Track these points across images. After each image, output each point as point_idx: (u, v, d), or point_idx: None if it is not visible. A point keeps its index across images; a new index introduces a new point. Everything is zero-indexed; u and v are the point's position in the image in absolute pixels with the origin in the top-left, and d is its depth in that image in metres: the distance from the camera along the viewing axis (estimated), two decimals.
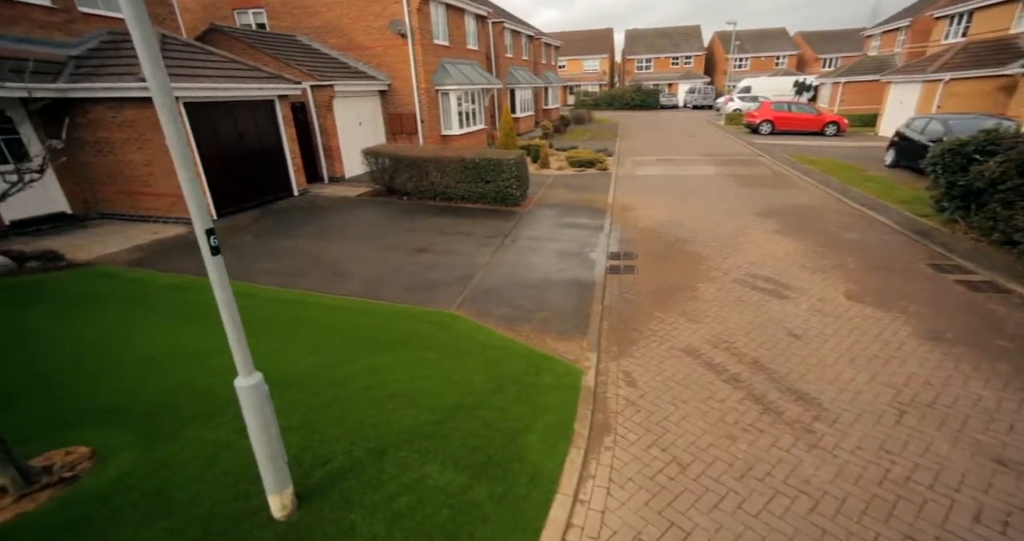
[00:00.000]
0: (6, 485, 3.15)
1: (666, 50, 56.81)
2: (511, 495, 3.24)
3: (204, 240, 2.42)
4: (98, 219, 10.57)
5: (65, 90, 9.18)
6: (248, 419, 2.77)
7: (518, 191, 11.39)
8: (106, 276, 7.26)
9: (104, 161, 10.09)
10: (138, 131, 9.57)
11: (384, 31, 15.55)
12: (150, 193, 10.11)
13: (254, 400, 2.73)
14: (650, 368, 4.80)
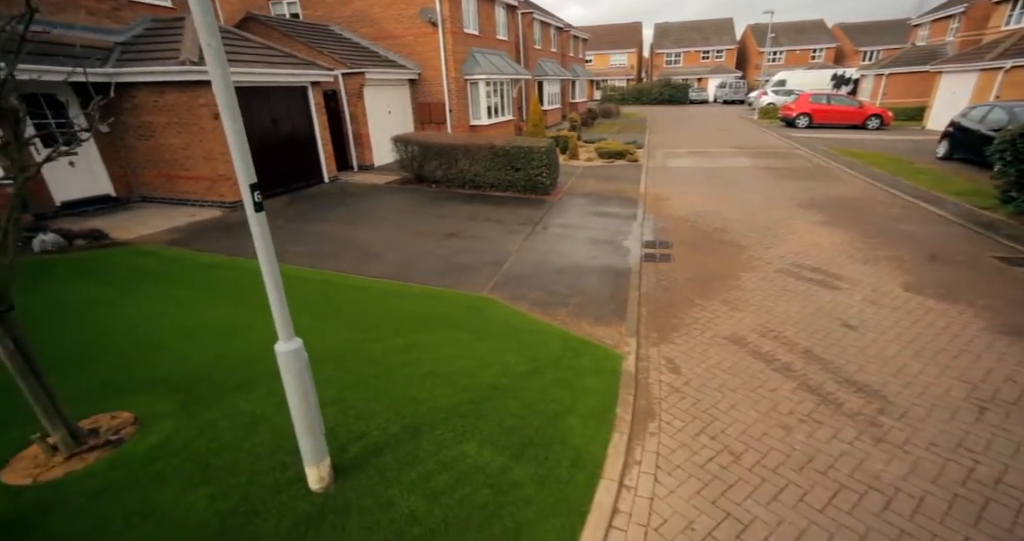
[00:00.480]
0: (57, 444, 3.17)
1: (696, 44, 55.37)
2: (553, 477, 3.10)
3: (248, 195, 2.34)
4: (139, 202, 10.83)
5: (112, 74, 9.39)
6: (288, 386, 2.69)
7: (548, 179, 11.19)
8: (147, 254, 7.40)
9: (146, 145, 10.31)
10: (178, 115, 9.73)
11: (415, 20, 15.50)
12: (188, 176, 10.30)
13: (294, 366, 2.65)
14: (693, 355, 4.58)
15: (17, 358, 2.90)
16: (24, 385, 2.96)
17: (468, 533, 2.70)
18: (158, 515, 2.82)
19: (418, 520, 2.78)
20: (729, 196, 10.74)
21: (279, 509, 2.85)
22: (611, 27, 60.18)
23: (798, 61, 50.82)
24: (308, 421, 2.79)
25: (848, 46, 49.04)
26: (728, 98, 46.72)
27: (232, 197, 10.19)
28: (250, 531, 2.71)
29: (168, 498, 2.92)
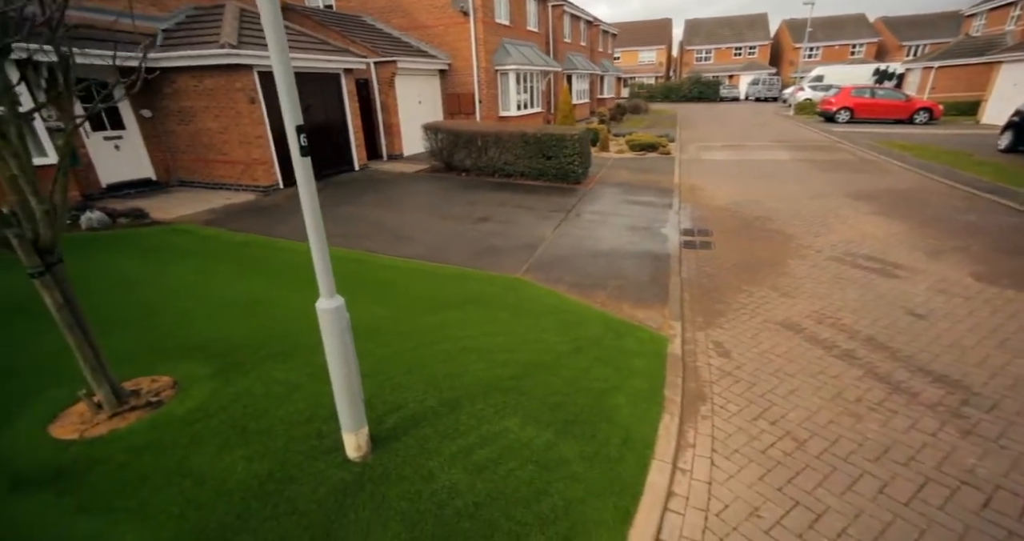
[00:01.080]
0: (101, 401, 3.14)
1: (728, 40, 53.87)
2: (603, 456, 2.90)
3: (295, 138, 2.22)
4: (178, 186, 11.04)
5: (155, 59, 9.56)
6: (328, 346, 2.57)
7: (580, 168, 10.95)
8: (185, 232, 7.49)
9: (185, 130, 10.49)
10: (216, 99, 9.86)
11: (446, 9, 15.43)
12: (224, 161, 10.44)
13: (335, 324, 2.52)
14: (743, 340, 4.31)
15: (65, 312, 2.86)
16: (71, 339, 2.93)
17: (515, 508, 2.53)
18: (197, 474, 2.74)
19: (460, 493, 2.62)
20: (769, 187, 10.30)
21: (316, 476, 2.73)
22: (640, 24, 59.10)
23: (836, 57, 48.92)
24: (348, 385, 2.66)
25: (891, 41, 46.95)
26: (761, 95, 45.27)
27: (266, 181, 10.28)
28: (287, 496, 2.60)
29: (206, 459, 2.84)
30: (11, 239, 2.60)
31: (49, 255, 2.78)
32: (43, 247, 2.74)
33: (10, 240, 2.61)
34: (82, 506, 2.55)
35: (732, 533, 2.44)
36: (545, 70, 19.20)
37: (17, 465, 2.83)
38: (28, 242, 2.67)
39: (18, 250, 2.63)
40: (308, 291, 5.13)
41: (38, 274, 2.73)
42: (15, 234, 2.60)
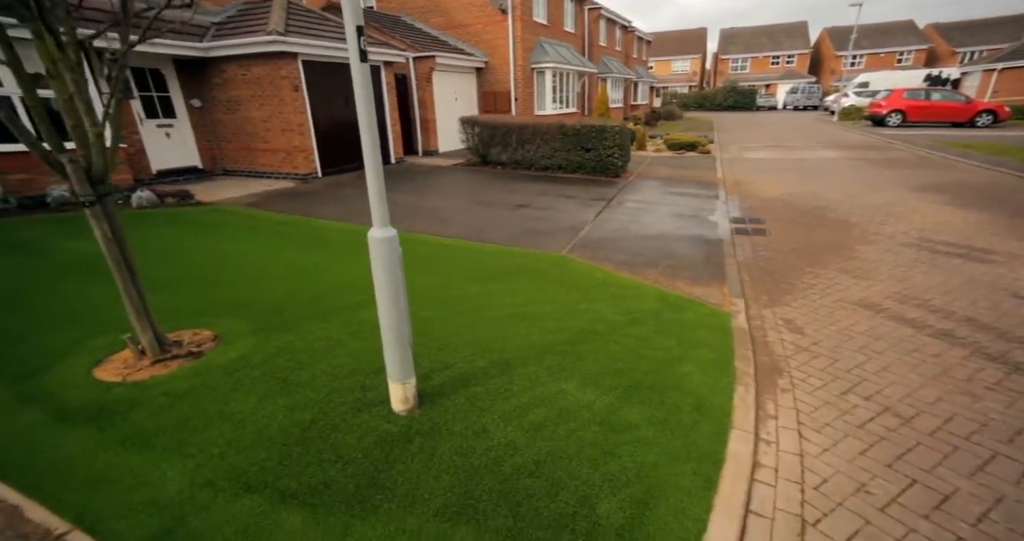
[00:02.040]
0: (145, 348, 3.04)
1: (765, 49, 52.63)
2: (674, 422, 2.58)
3: (354, 38, 2.04)
4: (221, 175, 11.29)
5: (206, 49, 9.85)
6: (378, 279, 2.37)
7: (620, 161, 10.66)
8: (227, 212, 7.56)
9: (231, 119, 10.72)
10: (261, 88, 10.04)
11: (485, 8, 15.50)
12: (266, 149, 10.60)
13: (386, 255, 2.32)
14: (817, 318, 3.91)
15: (113, 246, 2.77)
16: (118, 276, 2.83)
17: (580, 468, 2.24)
18: (237, 419, 2.57)
19: (519, 450, 2.35)
20: (822, 182, 9.75)
21: (360, 427, 2.52)
22: (674, 33, 58.39)
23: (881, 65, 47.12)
24: (397, 327, 2.44)
25: (944, 47, 44.95)
26: (800, 104, 43.75)
27: (305, 168, 10.38)
28: (331, 443, 2.39)
29: (247, 405, 2.68)
30: (66, 165, 2.52)
31: (100, 186, 2.69)
32: (95, 177, 2.65)
33: (64, 166, 2.52)
34: (123, 442, 2.42)
35: (837, 509, 2.09)
36: (581, 70, 19.06)
37: (62, 401, 2.75)
38: (81, 169, 2.58)
39: (71, 177, 2.55)
40: (345, 261, 5.04)
41: (89, 203, 2.63)
42: (69, 160, 2.51)
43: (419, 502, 2.06)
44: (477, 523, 1.95)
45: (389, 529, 1.93)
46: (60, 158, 2.51)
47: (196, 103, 10.80)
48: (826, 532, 1.98)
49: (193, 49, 9.76)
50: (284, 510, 2.02)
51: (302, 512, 2.01)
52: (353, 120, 11.47)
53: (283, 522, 1.96)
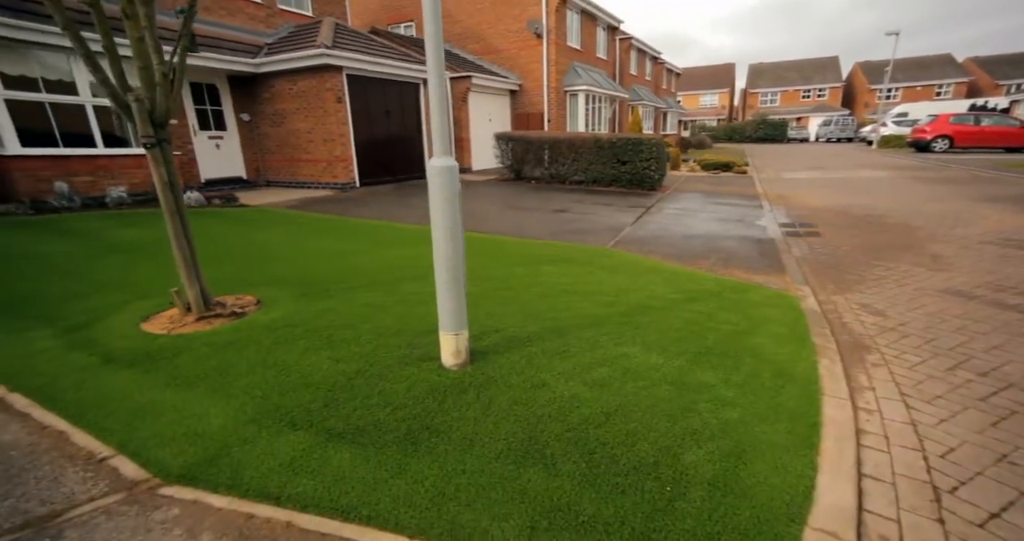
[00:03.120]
0: (191, 304, 2.97)
1: (795, 83, 52.44)
2: (755, 385, 2.31)
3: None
4: (264, 185, 11.68)
5: (258, 65, 10.40)
6: (434, 214, 2.25)
7: (656, 173, 10.52)
8: (269, 212, 7.75)
9: (277, 131, 11.17)
10: (307, 101, 10.47)
11: (520, 33, 16.03)
12: (308, 159, 10.94)
13: (446, 185, 2.20)
14: (898, 303, 3.57)
15: (169, 193, 2.75)
16: (170, 224, 2.80)
17: (656, 421, 1.99)
18: (280, 367, 2.44)
19: (585, 403, 2.12)
20: (873, 195, 9.34)
21: (409, 378, 2.33)
22: (702, 69, 59.07)
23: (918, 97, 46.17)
24: (453, 268, 2.29)
25: (985, 80, 43.92)
26: (833, 136, 42.56)
27: (344, 178, 10.61)
28: (379, 390, 2.22)
29: (290, 356, 2.55)
30: (131, 103, 2.54)
31: (161, 130, 2.70)
32: (157, 119, 2.66)
33: (130, 105, 2.54)
34: (167, 382, 2.32)
35: (977, 478, 1.77)
36: (613, 95, 19.32)
37: (110, 348, 2.70)
38: (145, 111, 2.59)
39: (136, 116, 2.56)
40: (384, 249, 4.98)
41: (150, 146, 2.64)
42: (135, 98, 2.53)
43: (478, 445, 1.84)
44: (546, 467, 1.72)
45: (447, 469, 1.71)
46: (127, 98, 2.53)
47: (245, 117, 11.32)
48: (970, 500, 1.66)
49: (246, 65, 10.32)
50: (332, 447, 1.83)
51: (351, 450, 1.82)
52: (392, 133, 11.80)
53: (331, 458, 1.77)
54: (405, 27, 18.65)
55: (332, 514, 1.54)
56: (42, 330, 2.95)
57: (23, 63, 7.45)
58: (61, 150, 7.99)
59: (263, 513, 1.55)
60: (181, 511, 1.57)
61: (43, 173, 7.83)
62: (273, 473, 1.71)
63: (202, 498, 1.62)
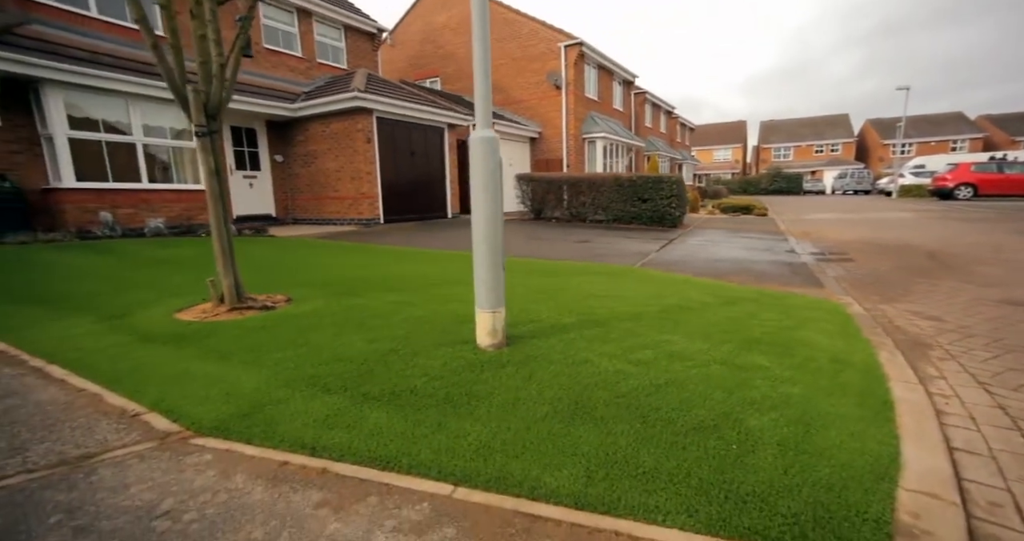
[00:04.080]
0: (224, 294, 2.99)
1: (808, 138, 53.46)
2: (813, 367, 2.16)
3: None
4: (292, 223, 12.09)
5: (295, 109, 11.12)
6: (474, 186, 2.29)
7: (677, 210, 10.59)
8: (297, 240, 7.94)
9: (307, 171, 11.72)
10: (338, 141, 11.04)
11: (540, 85, 16.95)
12: (335, 197, 11.36)
13: (486, 155, 2.25)
14: (953, 311, 3.39)
15: (214, 181, 2.85)
16: (212, 210, 2.88)
17: (712, 392, 1.85)
18: (313, 345, 2.40)
19: (632, 376, 2.00)
20: (902, 231, 9.19)
21: (444, 356, 2.25)
22: (715, 126, 60.90)
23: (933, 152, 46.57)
24: (490, 242, 2.27)
25: (1000, 136, 44.15)
26: (849, 188, 42.32)
27: (369, 214, 10.93)
28: (414, 364, 2.14)
29: (322, 337, 2.52)
30: (189, 93, 2.70)
31: (212, 121, 2.85)
32: (210, 111, 2.81)
33: (187, 95, 2.70)
34: (199, 356, 2.30)
35: None
36: (630, 143, 19.97)
37: (144, 330, 2.72)
38: (201, 102, 2.75)
39: (191, 105, 2.71)
40: (409, 264, 5.02)
41: (201, 134, 2.77)
42: (194, 89, 2.70)
43: (522, 408, 1.72)
44: (596, 425, 1.59)
45: (490, 427, 1.60)
46: (186, 90, 2.70)
47: (279, 158, 11.95)
48: None
49: (285, 110, 11.04)
50: (367, 407, 1.74)
51: (387, 409, 1.72)
52: (417, 173, 12.25)
53: (367, 416, 1.68)
54: (430, 82, 19.93)
55: (370, 464, 1.42)
56: (80, 318, 2.97)
57: (88, 107, 8.09)
58: (109, 184, 8.46)
59: (297, 461, 1.45)
60: (214, 457, 1.48)
61: (90, 205, 8.25)
62: (308, 428, 1.61)
63: (235, 447, 1.53)
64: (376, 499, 1.28)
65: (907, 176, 30.33)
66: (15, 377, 2.09)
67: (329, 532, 1.15)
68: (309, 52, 12.83)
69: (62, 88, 7.60)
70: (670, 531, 1.15)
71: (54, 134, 7.65)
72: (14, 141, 7.70)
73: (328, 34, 13.46)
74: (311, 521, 1.19)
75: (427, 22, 19.36)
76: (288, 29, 12.35)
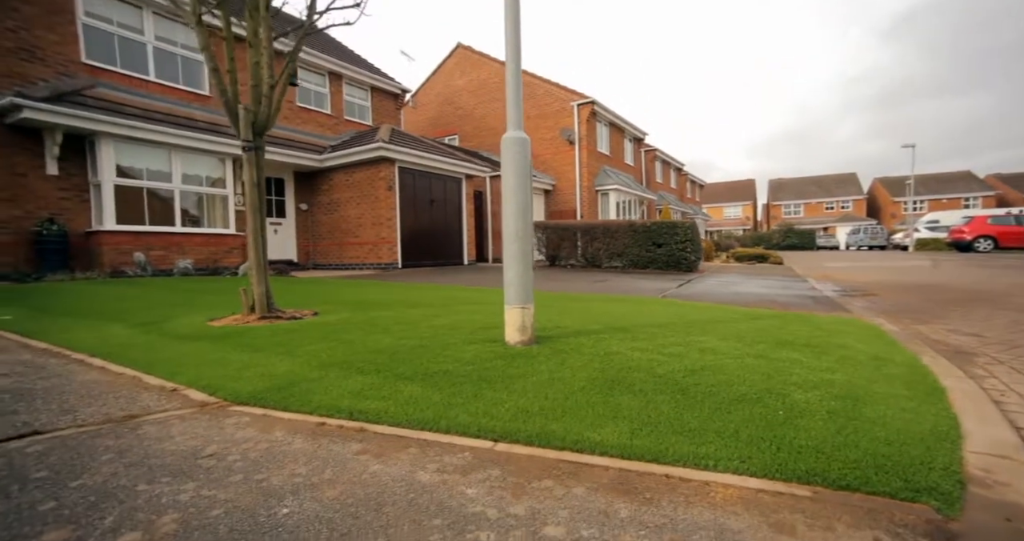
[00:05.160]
0: (255, 302, 3.07)
1: (817, 195, 54.14)
2: (853, 362, 2.10)
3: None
4: (312, 268, 12.39)
5: (322, 160, 11.80)
6: (506, 184, 2.39)
7: (693, 255, 10.63)
8: (317, 279, 8.09)
9: (329, 218, 12.20)
10: (360, 189, 11.57)
11: (554, 141, 17.81)
12: (355, 242, 11.71)
13: (519, 156, 2.37)
14: (994, 329, 3.29)
15: (254, 192, 3.02)
16: (250, 220, 3.03)
17: (750, 375, 1.81)
18: (343, 341, 2.43)
19: (664, 363, 1.97)
20: (925, 275, 9.06)
21: (474, 350, 2.24)
22: (724, 184, 62.20)
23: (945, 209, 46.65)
24: (520, 239, 2.34)
25: (1013, 194, 44.18)
26: (864, 244, 41.58)
27: (388, 258, 11.18)
28: (445, 354, 2.13)
29: (352, 335, 2.56)
30: (240, 111, 2.94)
31: (258, 138, 3.07)
32: (257, 129, 3.05)
33: (239, 112, 2.95)
34: (233, 348, 2.35)
35: None
36: (642, 196, 20.50)
37: (179, 332, 2.80)
38: (250, 120, 2.99)
39: (241, 122, 2.95)
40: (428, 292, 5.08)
41: (248, 149, 2.98)
42: (244, 108, 2.94)
43: (558, 384, 1.70)
44: (636, 395, 1.56)
45: (526, 397, 1.58)
46: (237, 107, 2.95)
47: (303, 206, 12.50)
48: None
49: (313, 161, 11.72)
50: (401, 383, 1.74)
51: (422, 384, 1.71)
52: (435, 220, 12.64)
53: (402, 389, 1.67)
54: (449, 139, 21.08)
55: (407, 426, 1.40)
56: (117, 326, 3.04)
57: (135, 157, 8.71)
58: (145, 227, 8.88)
59: (334, 422, 1.44)
60: (252, 419, 1.47)
61: (126, 246, 8.63)
62: (343, 397, 1.61)
63: (271, 413, 1.53)
64: (416, 450, 1.25)
65: (922, 230, 30.24)
66: (60, 365, 2.14)
67: (372, 471, 1.12)
68: (337, 110, 13.78)
69: (114, 140, 8.23)
70: (723, 475, 1.10)
71: (102, 181, 8.19)
72: (66, 188, 8.25)
73: (355, 94, 14.52)
74: (353, 463, 1.17)
75: (446, 85, 20.81)
76: (320, 90, 13.39)
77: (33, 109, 7.08)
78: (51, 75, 8.20)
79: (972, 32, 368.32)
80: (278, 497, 1.00)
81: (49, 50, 8.19)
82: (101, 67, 8.90)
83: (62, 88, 7.59)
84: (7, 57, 7.70)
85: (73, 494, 0.99)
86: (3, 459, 1.17)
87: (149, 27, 9.65)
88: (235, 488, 1.03)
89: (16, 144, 7.66)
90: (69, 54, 8.41)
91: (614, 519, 0.92)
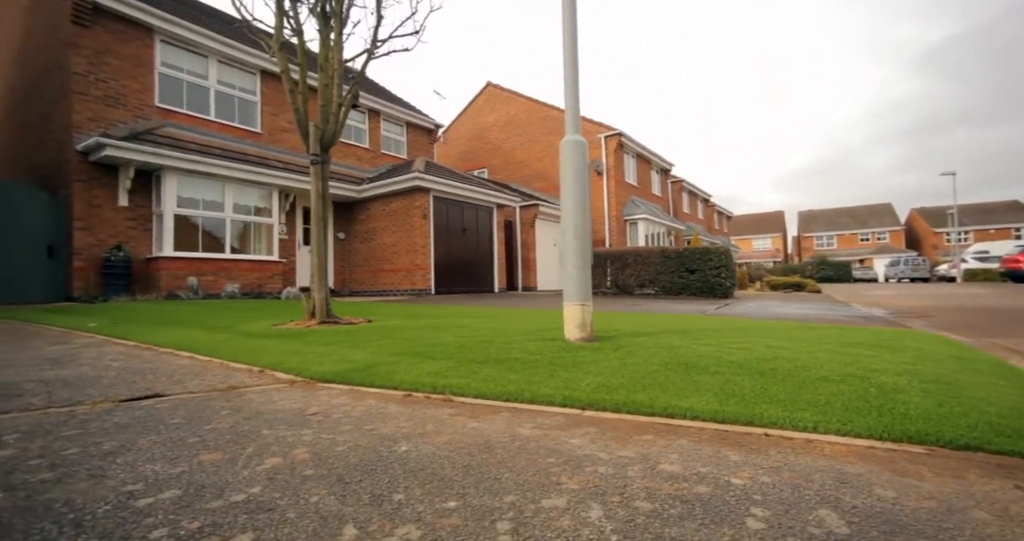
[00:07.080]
0: (315, 307, 3.21)
1: (850, 227, 52.36)
2: (928, 358, 2.03)
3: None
4: (348, 295, 12.71)
5: (360, 191, 12.32)
6: (565, 185, 2.50)
7: (727, 281, 10.45)
8: (356, 302, 8.31)
9: (366, 247, 12.60)
10: (396, 218, 11.97)
11: None
12: (390, 269, 12.01)
13: (577, 157, 2.49)
14: None
15: (319, 203, 3.22)
16: (314, 231, 3.21)
17: (825, 364, 1.78)
18: (407, 338, 2.52)
19: (733, 354, 1.95)
20: (986, 300, 8.64)
21: (537, 344, 2.28)
22: (752, 216, 61.28)
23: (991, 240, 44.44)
24: (580, 238, 2.41)
25: None
26: (905, 276, 39.20)
27: (422, 285, 11.39)
28: (512, 347, 2.17)
29: (414, 335, 2.67)
30: (311, 128, 3.18)
31: (324, 153, 3.29)
32: (324, 144, 3.28)
33: (310, 129, 3.19)
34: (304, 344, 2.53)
35: None
36: (670, 226, 20.45)
37: (249, 332, 2.95)
38: (318, 136, 3.22)
39: (311, 137, 3.19)
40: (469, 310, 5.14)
41: (315, 162, 3.20)
42: (315, 126, 3.18)
43: (630, 368, 1.72)
44: (713, 375, 1.56)
45: (602, 377, 1.60)
46: (309, 125, 3.19)
47: (341, 235, 12.96)
48: None
49: (352, 191, 12.25)
50: (476, 366, 1.78)
51: (496, 368, 1.76)
52: (467, 248, 12.89)
53: (478, 370, 1.72)
54: (478, 172, 21.72)
55: (492, 398, 1.44)
56: (193, 330, 3.22)
57: (193, 189, 9.33)
58: (198, 254, 9.38)
59: (421, 394, 1.49)
60: (341, 391, 1.54)
61: (180, 271, 9.10)
62: (423, 376, 1.66)
63: (358, 388, 1.59)
64: (508, 414, 1.28)
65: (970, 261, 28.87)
66: (153, 356, 2.29)
67: (472, 427, 1.16)
68: (375, 144, 14.48)
69: (177, 173, 8.86)
70: (825, 435, 1.09)
71: (164, 211, 8.77)
72: (132, 218, 8.91)
73: (391, 129, 15.27)
74: (450, 421, 1.21)
75: (476, 122, 21.66)
76: (359, 126, 14.13)
77: (113, 147, 7.79)
78: (129, 118, 9.02)
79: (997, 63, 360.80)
80: (392, 440, 1.04)
81: (131, 97, 9.08)
82: (171, 109, 9.73)
83: (137, 129, 8.32)
84: (96, 104, 8.60)
85: (210, 433, 1.07)
86: (142, 411, 1.26)
87: (213, 73, 10.55)
88: (350, 434, 1.08)
89: (96, 179, 8.42)
90: (145, 99, 9.27)
91: (726, 461, 0.93)
